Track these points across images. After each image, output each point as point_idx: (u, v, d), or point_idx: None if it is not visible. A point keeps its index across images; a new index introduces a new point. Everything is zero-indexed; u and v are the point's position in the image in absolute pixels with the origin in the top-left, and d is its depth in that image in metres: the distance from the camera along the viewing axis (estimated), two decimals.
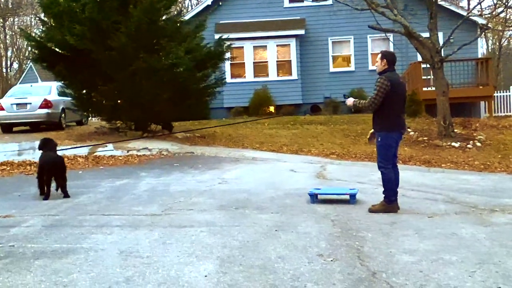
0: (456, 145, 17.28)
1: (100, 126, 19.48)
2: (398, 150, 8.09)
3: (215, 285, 4.73)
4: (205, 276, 4.95)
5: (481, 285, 4.72)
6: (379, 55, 7.92)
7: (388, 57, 7.84)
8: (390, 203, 7.76)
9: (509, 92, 28.98)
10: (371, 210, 7.74)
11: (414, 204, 8.36)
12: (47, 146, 9.37)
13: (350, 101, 8.07)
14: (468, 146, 17.30)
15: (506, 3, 24.84)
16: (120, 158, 14.07)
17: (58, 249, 5.91)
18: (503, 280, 4.80)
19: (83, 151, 14.41)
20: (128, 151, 14.79)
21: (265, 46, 26.87)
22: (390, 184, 7.77)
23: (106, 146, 15.23)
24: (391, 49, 26.18)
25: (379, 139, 7.77)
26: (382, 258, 5.49)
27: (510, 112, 27.87)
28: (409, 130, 19.23)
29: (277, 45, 26.83)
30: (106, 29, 15.95)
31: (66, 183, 9.12)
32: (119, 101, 17.46)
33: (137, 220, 7.28)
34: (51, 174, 9.00)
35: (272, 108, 26.08)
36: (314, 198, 8.46)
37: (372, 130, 8.09)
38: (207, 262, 5.36)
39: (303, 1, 26.12)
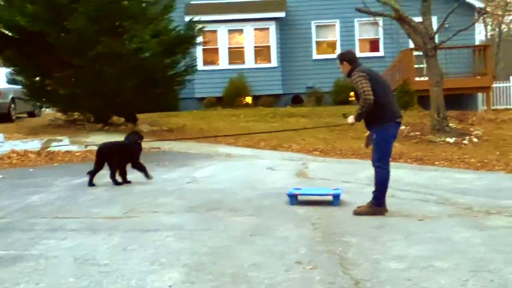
0: (451, 140, 17.40)
1: (55, 118, 19.33)
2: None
3: None
4: (170, 286, 4.92)
5: None
6: (338, 61, 8.05)
7: (346, 57, 8.01)
8: (378, 206, 7.78)
9: (509, 82, 29.23)
10: (357, 213, 7.76)
11: (404, 206, 8.39)
12: None
13: (351, 119, 8.00)
14: (464, 142, 17.43)
15: None
16: (77, 154, 13.95)
17: (4, 256, 5.84)
18: None
19: (35, 146, 14.26)
20: (86, 146, 14.66)
21: (242, 30, 26.86)
22: (384, 185, 7.79)
23: (62, 140, 15.09)
24: (380, 35, 26.47)
25: (375, 136, 7.78)
26: (367, 265, 5.50)
27: (510, 104, 28.11)
28: None
29: (254, 29, 26.82)
30: (63, 9, 15.79)
31: None
32: (77, 90, 17.28)
33: (95, 223, 7.22)
34: None
35: (249, 99, 26.07)
36: (293, 199, 8.46)
37: (368, 133, 8.09)
38: (173, 270, 5.32)
39: None
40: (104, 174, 11.19)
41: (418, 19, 19.00)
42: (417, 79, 23.07)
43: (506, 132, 19.27)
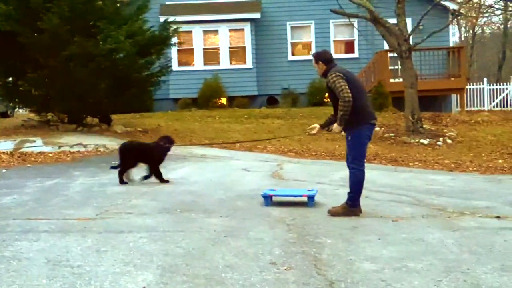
0: (425, 142, 17.56)
1: (28, 118, 19.18)
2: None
3: None
4: (144, 287, 4.90)
5: None
6: (313, 61, 8.05)
7: (321, 57, 8.00)
8: (353, 207, 7.81)
9: (483, 84, 29.53)
10: (331, 213, 7.78)
11: (378, 207, 8.44)
12: None
13: (337, 127, 7.98)
14: (438, 143, 17.59)
15: None
16: (50, 155, 13.85)
17: None
18: None
19: (8, 147, 14.14)
20: (59, 147, 14.57)
21: (217, 30, 26.83)
22: (359, 186, 7.82)
23: (35, 141, 14.98)
24: (355, 36, 26.56)
25: (349, 138, 7.81)
26: (341, 266, 5.51)
27: (483, 106, 28.41)
28: None
29: (229, 30, 26.80)
30: (36, 9, 15.67)
31: None
32: (50, 91, 17.16)
33: (68, 225, 7.16)
34: None
35: (224, 100, 26.04)
36: (268, 200, 8.46)
37: (318, 126, 8.15)
38: (146, 272, 5.29)
39: None
40: (77, 176, 11.15)
41: (393, 20, 19.13)
42: (392, 80, 23.21)
43: (480, 134, 19.47)
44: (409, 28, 20.39)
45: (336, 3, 19.16)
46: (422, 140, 17.63)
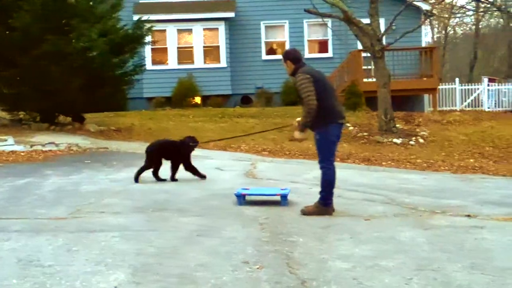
0: (398, 141, 17.67)
1: None
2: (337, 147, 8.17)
3: None
4: (115, 287, 4.86)
5: None
6: (282, 60, 8.05)
7: (290, 56, 8.01)
8: (325, 206, 7.83)
9: (455, 84, 29.80)
10: (304, 212, 7.80)
11: (351, 206, 8.48)
12: None
13: (298, 134, 8.01)
14: (411, 142, 17.72)
15: None
16: (22, 154, 13.71)
17: None
18: None
19: None
20: (32, 146, 14.44)
21: (191, 29, 26.75)
22: (330, 185, 7.84)
23: (6, 140, 14.83)
24: (329, 36, 26.63)
25: (318, 137, 7.82)
26: (313, 265, 5.53)
27: (455, 106, 28.65)
28: (348, 124, 19.51)
29: (204, 29, 26.75)
30: (7, 7, 15.53)
31: None
32: (22, 89, 17.00)
33: (40, 224, 7.10)
34: None
35: (198, 99, 25.98)
36: (241, 199, 8.46)
37: (296, 121, 8.16)
38: (118, 271, 5.26)
39: None
40: (49, 175, 11.06)
41: (366, 20, 19.22)
42: (365, 80, 23.34)
43: (451, 133, 19.65)
44: (382, 28, 20.49)
45: (310, 3, 19.18)
46: (395, 140, 17.74)
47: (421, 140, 18.22)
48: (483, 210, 8.31)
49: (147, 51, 24.83)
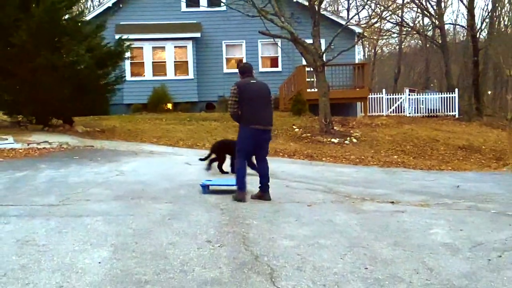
0: (335, 141, 17.80)
1: (0, 119, 18.60)
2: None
3: (108, 271, 4.62)
4: (99, 262, 4.83)
5: (351, 266, 4.88)
6: None
7: (239, 70, 8.37)
8: (239, 190, 7.90)
9: (382, 94, 30.20)
10: (252, 197, 7.96)
11: (296, 194, 8.53)
12: None
13: None
14: (346, 142, 17.87)
15: (380, 15, 25.81)
16: (20, 151, 13.45)
17: None
18: (369, 262, 4.99)
19: None
20: (28, 144, 14.17)
21: (164, 47, 26.57)
22: (239, 173, 7.98)
23: (7, 139, 14.53)
24: (279, 53, 26.69)
25: (238, 133, 8.11)
26: (265, 243, 5.56)
27: (382, 112, 29.01)
28: (294, 127, 19.61)
29: (174, 47, 26.58)
30: (7, 26, 15.23)
31: None
32: (20, 96, 16.68)
33: (35, 210, 6.99)
34: None
35: (170, 105, 25.80)
36: (205, 189, 8.44)
37: None
38: (101, 249, 5.23)
39: (199, 6, 26.01)
40: (43, 168, 10.87)
41: (310, 41, 19.34)
42: (308, 90, 23.42)
43: (379, 134, 19.88)
44: (323, 47, 20.63)
45: (263, 25, 19.23)
46: (333, 140, 17.86)
47: (354, 140, 18.38)
48: (404, 198, 8.43)
49: (127, 65, 24.57)
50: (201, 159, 10.96)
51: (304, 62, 22.64)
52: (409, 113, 29.01)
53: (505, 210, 7.33)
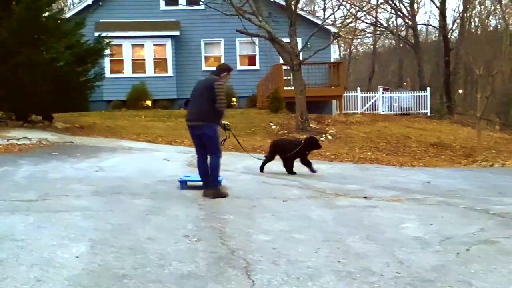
0: None
1: None
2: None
3: (86, 265, 4.59)
4: (77, 257, 4.79)
5: (325, 259, 4.90)
6: None
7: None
8: (218, 186, 7.94)
9: (357, 92, 30.38)
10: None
11: (273, 190, 8.55)
12: None
13: None
14: (321, 139, 17.92)
15: (355, 15, 25.93)
16: (0, 146, 13.28)
17: None
18: (343, 255, 5.01)
19: None
20: (8, 140, 13.97)
21: (143, 45, 26.45)
22: (198, 169, 8.07)
23: None
24: (257, 52, 26.70)
25: None
26: (241, 237, 5.56)
27: (357, 110, 29.19)
28: (271, 124, 19.64)
29: (154, 44, 26.47)
30: None
31: None
32: (0, 92, 16.46)
33: (14, 205, 6.89)
34: None
35: (149, 102, 25.68)
36: (183, 184, 8.43)
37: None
38: (80, 244, 5.18)
39: (178, 5, 25.92)
40: (22, 164, 10.74)
41: (287, 40, 19.37)
42: (285, 88, 23.47)
43: (354, 132, 20.00)
44: (299, 46, 20.69)
45: (241, 24, 19.22)
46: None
47: (329, 137, 18.48)
48: (377, 193, 8.48)
49: (106, 62, 24.42)
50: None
51: (281, 61, 22.69)
52: (383, 111, 29.23)
53: (474, 205, 7.42)
